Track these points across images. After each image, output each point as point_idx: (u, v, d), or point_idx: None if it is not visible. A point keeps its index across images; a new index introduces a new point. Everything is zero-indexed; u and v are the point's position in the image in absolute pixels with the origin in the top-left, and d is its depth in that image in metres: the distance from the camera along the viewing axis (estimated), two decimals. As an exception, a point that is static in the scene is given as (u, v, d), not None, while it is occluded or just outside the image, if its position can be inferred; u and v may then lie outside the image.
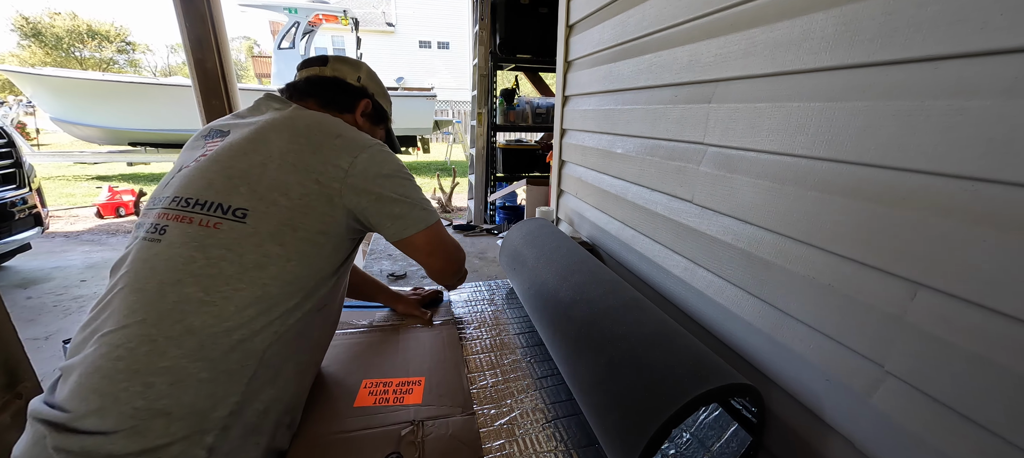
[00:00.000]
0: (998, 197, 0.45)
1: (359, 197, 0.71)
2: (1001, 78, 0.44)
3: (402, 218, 0.76)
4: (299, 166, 0.68)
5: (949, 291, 0.49)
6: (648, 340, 0.72)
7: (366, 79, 0.93)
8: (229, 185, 0.66)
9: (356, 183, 0.71)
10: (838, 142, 0.61)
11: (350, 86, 0.90)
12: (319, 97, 0.86)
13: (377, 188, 0.73)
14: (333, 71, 0.88)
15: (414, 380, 0.87)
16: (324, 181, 0.69)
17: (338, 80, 0.88)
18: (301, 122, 0.73)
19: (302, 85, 0.86)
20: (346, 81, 0.89)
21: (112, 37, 19.83)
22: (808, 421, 0.69)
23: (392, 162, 0.76)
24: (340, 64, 0.90)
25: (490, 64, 3.29)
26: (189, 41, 1.75)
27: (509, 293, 1.32)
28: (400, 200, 0.75)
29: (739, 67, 0.79)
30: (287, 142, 0.70)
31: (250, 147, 0.70)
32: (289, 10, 7.22)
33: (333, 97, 0.87)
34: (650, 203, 1.10)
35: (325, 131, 0.73)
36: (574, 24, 1.55)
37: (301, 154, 0.69)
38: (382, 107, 0.96)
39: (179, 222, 0.65)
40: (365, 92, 0.92)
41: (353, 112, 0.90)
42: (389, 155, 0.77)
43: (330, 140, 0.72)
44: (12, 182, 2.80)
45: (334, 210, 0.70)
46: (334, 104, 0.87)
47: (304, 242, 0.67)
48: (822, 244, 0.64)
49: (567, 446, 0.75)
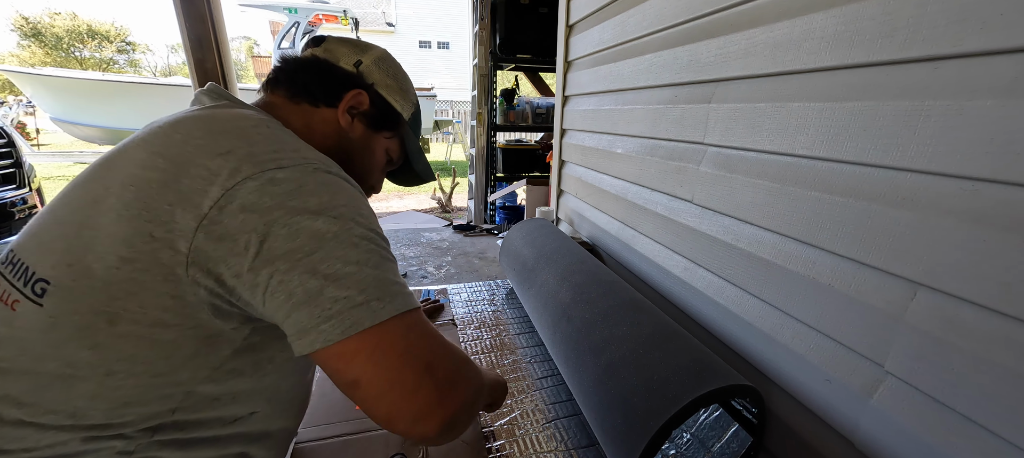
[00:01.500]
0: (998, 197, 0.45)
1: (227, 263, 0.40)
2: (1001, 78, 0.44)
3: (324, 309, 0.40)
4: (134, 208, 0.40)
5: (949, 291, 0.49)
6: (648, 340, 0.72)
7: (371, 65, 0.65)
8: (50, 234, 0.43)
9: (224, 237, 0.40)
10: (838, 142, 0.61)
11: (338, 70, 0.62)
12: (288, 84, 0.60)
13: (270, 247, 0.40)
14: (324, 52, 0.63)
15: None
16: (162, 235, 0.40)
17: (322, 62, 0.62)
18: (181, 129, 0.46)
19: (275, 70, 0.63)
20: (336, 65, 0.63)
21: (112, 37, 19.84)
22: (808, 421, 0.69)
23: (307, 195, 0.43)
24: (338, 44, 0.65)
25: (490, 64, 3.29)
26: (189, 41, 1.75)
27: (509, 293, 1.32)
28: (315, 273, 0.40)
29: (739, 67, 0.79)
30: (139, 166, 0.43)
31: (97, 173, 0.46)
32: (289, 10, 7.22)
33: (305, 83, 0.60)
34: (650, 203, 1.10)
35: (209, 144, 0.44)
36: (574, 24, 1.55)
37: (146, 187, 0.41)
38: (389, 106, 0.66)
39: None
40: (360, 81, 0.63)
41: (334, 106, 0.61)
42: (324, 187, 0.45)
43: (207, 159, 0.42)
44: (12, 182, 2.80)
45: (179, 287, 0.40)
46: (306, 93, 0.60)
47: (134, 343, 0.40)
48: (822, 244, 0.64)
49: (567, 446, 0.75)
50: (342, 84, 0.62)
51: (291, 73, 0.62)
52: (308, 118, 0.60)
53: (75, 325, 0.39)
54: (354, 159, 0.63)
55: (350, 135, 0.63)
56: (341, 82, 0.63)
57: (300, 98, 0.60)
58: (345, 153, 0.62)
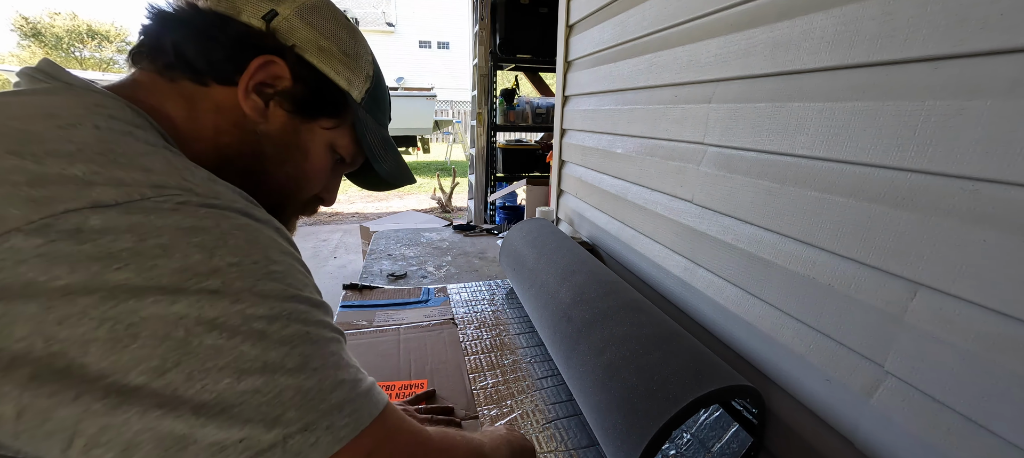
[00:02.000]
0: (998, 197, 0.45)
1: None
2: (1001, 78, 0.44)
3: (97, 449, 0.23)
4: None
5: (949, 291, 0.49)
6: (648, 341, 0.72)
7: (293, 17, 0.42)
8: None
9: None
10: (838, 142, 0.61)
11: (237, 26, 0.40)
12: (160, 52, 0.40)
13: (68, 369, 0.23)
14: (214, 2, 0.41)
15: (417, 383, 0.88)
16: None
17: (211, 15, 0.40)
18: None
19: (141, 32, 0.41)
20: (235, 18, 0.40)
21: (112, 37, 19.84)
22: (809, 421, 0.69)
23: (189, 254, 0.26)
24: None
25: (490, 64, 3.29)
26: (189, 41, 1.74)
27: (509, 293, 1.32)
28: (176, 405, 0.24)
29: (739, 67, 0.79)
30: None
31: None
32: (289, 10, 7.20)
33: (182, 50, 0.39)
34: (650, 203, 1.10)
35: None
36: (574, 24, 1.55)
37: None
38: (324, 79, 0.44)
39: None
40: (273, 41, 0.41)
41: (233, 83, 0.40)
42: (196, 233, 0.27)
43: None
44: (12, 182, 2.80)
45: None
46: (184, 65, 0.39)
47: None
48: (822, 244, 0.64)
49: (567, 447, 0.75)
50: (243, 48, 0.40)
51: (157, 35, 0.40)
52: (191, 104, 0.39)
53: None
54: (273, 166, 0.43)
55: (263, 128, 0.42)
56: (241, 45, 0.40)
57: (176, 73, 0.40)
58: (256, 157, 0.42)
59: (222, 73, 0.40)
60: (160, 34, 0.40)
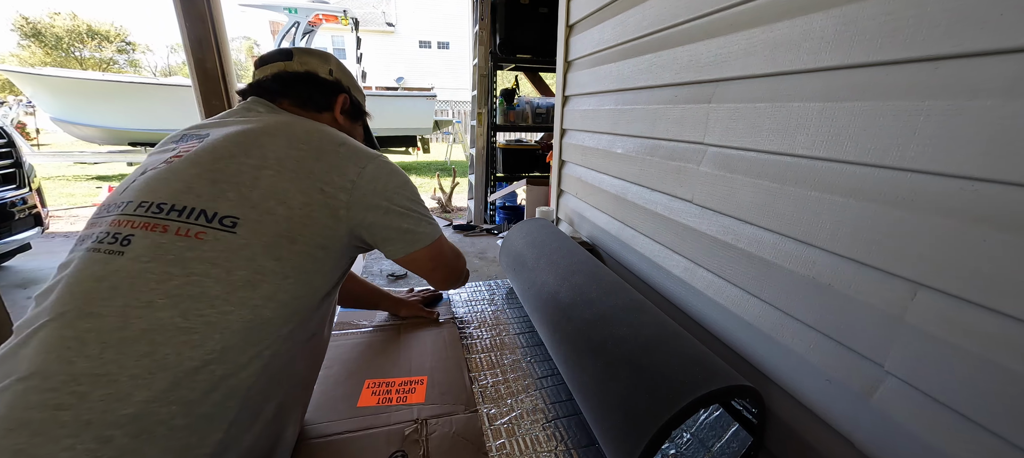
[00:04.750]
0: (998, 197, 0.45)
1: (367, 212, 0.64)
2: (1001, 78, 0.44)
3: (410, 233, 0.70)
4: (301, 172, 0.60)
5: (949, 291, 0.49)
6: (648, 341, 0.72)
7: (338, 72, 0.83)
8: (214, 190, 0.56)
9: (365, 196, 0.64)
10: (838, 142, 0.61)
11: (324, 81, 0.80)
12: (292, 96, 0.76)
13: (387, 202, 0.66)
14: (302, 65, 0.78)
15: (417, 379, 0.88)
16: (329, 191, 0.61)
17: (310, 75, 0.78)
18: (299, 127, 0.66)
19: (271, 84, 0.76)
20: (318, 75, 0.79)
21: (112, 37, 19.84)
22: (809, 421, 0.69)
23: (399, 174, 0.70)
24: (307, 56, 0.80)
25: (490, 64, 3.29)
26: (189, 41, 1.74)
27: (509, 293, 1.32)
28: (408, 214, 0.69)
29: (739, 67, 0.79)
30: (285, 147, 0.62)
31: (239, 150, 0.60)
32: (289, 10, 7.22)
33: (308, 95, 0.78)
34: (650, 203, 1.10)
35: (327, 137, 0.66)
36: (574, 24, 1.55)
37: (303, 160, 0.61)
38: (358, 102, 0.87)
39: (149, 231, 0.53)
40: (340, 86, 0.82)
41: (332, 110, 0.81)
42: (395, 166, 0.70)
43: (334, 147, 0.65)
44: (12, 182, 2.80)
45: (338, 224, 0.62)
46: (310, 103, 0.78)
47: (303, 256, 0.58)
48: (822, 244, 0.64)
49: (567, 446, 0.75)
50: (331, 92, 0.81)
51: (289, 86, 0.76)
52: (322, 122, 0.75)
53: (264, 244, 0.55)
54: None
55: (345, 127, 0.83)
56: (330, 90, 0.81)
57: (307, 107, 0.77)
58: None
59: (328, 105, 0.81)
60: (292, 85, 0.77)
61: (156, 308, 0.48)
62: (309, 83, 0.78)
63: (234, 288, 0.52)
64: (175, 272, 0.50)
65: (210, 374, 0.48)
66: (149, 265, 0.50)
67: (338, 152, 0.64)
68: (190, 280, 0.51)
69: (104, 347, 0.45)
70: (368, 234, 0.66)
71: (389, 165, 0.69)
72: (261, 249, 0.55)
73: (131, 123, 7.27)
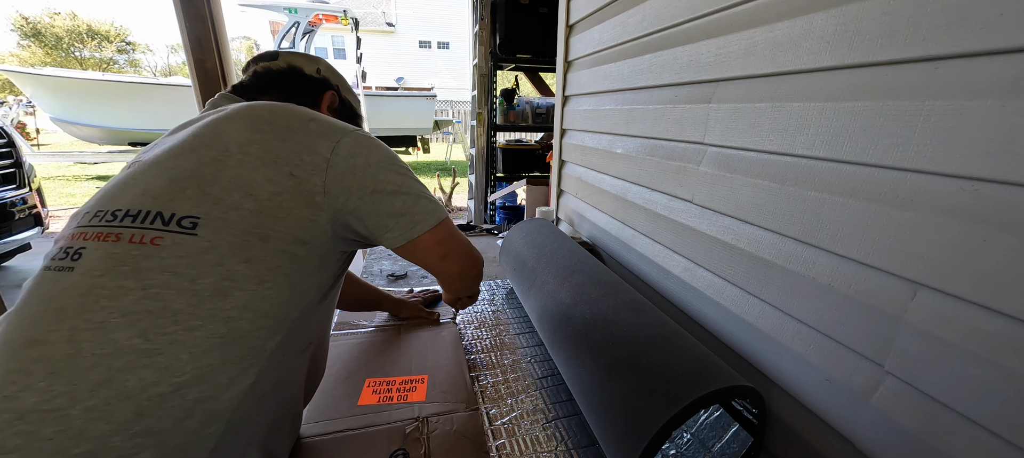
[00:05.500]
0: (998, 197, 0.45)
1: (348, 194, 0.56)
2: (1001, 78, 0.44)
3: (406, 215, 0.60)
4: (266, 158, 0.53)
5: (949, 291, 0.49)
6: (649, 341, 0.72)
7: (326, 72, 0.79)
8: (172, 188, 0.50)
9: (342, 175, 0.56)
10: (838, 142, 0.61)
11: (309, 77, 0.76)
12: (273, 92, 0.72)
13: (370, 180, 0.58)
14: (286, 62, 0.75)
15: (417, 378, 0.88)
16: (301, 174, 0.54)
17: (294, 70, 0.75)
18: (263, 108, 0.59)
19: (252, 82, 0.72)
20: (303, 71, 0.76)
21: (112, 37, 19.84)
22: (809, 421, 0.69)
23: (381, 147, 0.62)
24: (293, 57, 0.77)
25: (490, 64, 3.29)
26: (189, 41, 1.74)
27: (509, 293, 1.32)
28: (400, 192, 0.60)
29: (739, 67, 0.79)
30: (247, 131, 0.55)
31: (198, 143, 0.54)
32: (289, 10, 7.21)
33: (291, 90, 0.73)
34: (650, 203, 1.10)
35: (295, 114, 0.58)
36: (574, 24, 1.55)
37: (268, 143, 0.54)
38: (350, 104, 0.82)
39: (101, 241, 0.47)
40: (328, 83, 0.78)
41: (318, 107, 0.76)
42: (376, 140, 0.62)
43: (303, 124, 0.57)
44: (12, 182, 2.80)
45: (316, 212, 0.55)
46: (294, 99, 0.70)
47: (279, 256, 0.51)
48: (822, 244, 0.64)
49: (567, 446, 0.75)
50: (317, 88, 0.77)
51: (274, 81, 0.74)
52: None
53: (231, 244, 0.49)
54: None
55: None
56: (316, 87, 0.77)
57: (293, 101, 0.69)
58: None
59: (313, 102, 0.76)
60: (277, 80, 0.74)
61: (110, 329, 0.43)
62: (292, 78, 0.74)
63: (201, 299, 0.46)
64: (131, 286, 0.45)
65: (181, 400, 0.43)
66: (101, 280, 0.45)
67: (308, 128, 0.57)
68: (149, 294, 0.45)
69: (53, 378, 0.40)
70: (356, 222, 0.58)
71: (369, 138, 0.61)
72: (228, 251, 0.48)
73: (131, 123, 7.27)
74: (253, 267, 0.49)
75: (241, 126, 0.56)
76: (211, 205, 0.50)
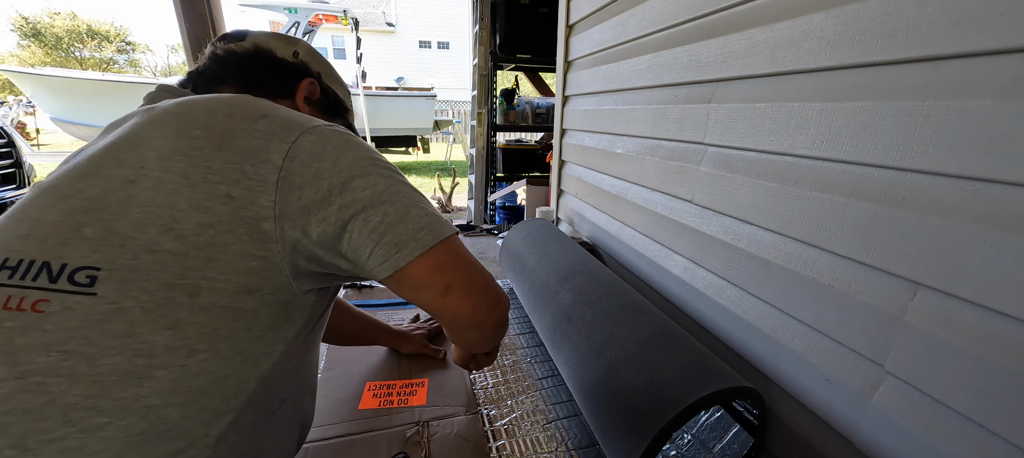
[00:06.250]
0: (998, 197, 0.45)
1: (309, 213, 0.41)
2: (1001, 78, 0.44)
3: (388, 232, 0.43)
4: (194, 175, 0.39)
5: (949, 291, 0.49)
6: (649, 342, 0.72)
7: (306, 56, 0.64)
8: (66, 226, 0.37)
9: (300, 188, 0.41)
10: (838, 142, 0.61)
11: (282, 61, 0.60)
12: (236, 79, 0.57)
13: (339, 188, 0.42)
14: (253, 44, 0.59)
15: (417, 382, 0.88)
16: (240, 194, 0.39)
17: (263, 53, 0.59)
18: (198, 106, 0.44)
19: (208, 68, 0.57)
20: (275, 55, 0.60)
21: (112, 37, 19.83)
22: (809, 422, 0.69)
23: (359, 145, 0.47)
24: (264, 37, 0.61)
25: (490, 64, 3.29)
26: (189, 41, 1.75)
27: (509, 293, 1.32)
28: (380, 201, 0.43)
29: (739, 67, 0.79)
30: (173, 138, 0.41)
31: (109, 158, 0.41)
32: (289, 10, 7.21)
33: (258, 77, 0.58)
34: (650, 203, 1.10)
35: (239, 111, 0.44)
36: (574, 24, 1.55)
37: (197, 154, 0.40)
38: (336, 94, 0.67)
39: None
40: (306, 69, 0.62)
41: (292, 98, 0.61)
42: (352, 136, 0.48)
43: (248, 123, 0.43)
44: (12, 182, 2.80)
45: (264, 246, 0.40)
46: (261, 87, 0.57)
47: (215, 314, 0.37)
48: (822, 244, 0.64)
49: (568, 447, 0.75)
50: (293, 74, 0.61)
51: (236, 67, 0.57)
52: None
53: (144, 306, 0.35)
54: None
55: None
56: (289, 72, 0.61)
57: (257, 92, 0.54)
58: None
59: (285, 90, 0.61)
60: (240, 65, 0.58)
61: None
62: (259, 62, 0.58)
63: (104, 387, 0.33)
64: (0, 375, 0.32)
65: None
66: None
67: (254, 129, 0.42)
68: (26, 385, 0.32)
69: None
70: (326, 251, 0.43)
71: (340, 133, 0.46)
72: (141, 315, 0.35)
73: (131, 123, 7.26)
74: (179, 334, 0.36)
75: (165, 131, 0.41)
76: (117, 249, 0.36)
